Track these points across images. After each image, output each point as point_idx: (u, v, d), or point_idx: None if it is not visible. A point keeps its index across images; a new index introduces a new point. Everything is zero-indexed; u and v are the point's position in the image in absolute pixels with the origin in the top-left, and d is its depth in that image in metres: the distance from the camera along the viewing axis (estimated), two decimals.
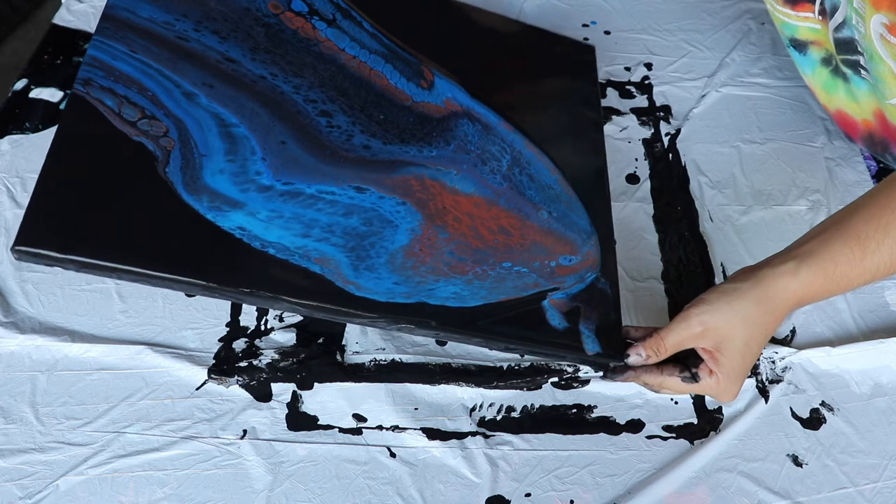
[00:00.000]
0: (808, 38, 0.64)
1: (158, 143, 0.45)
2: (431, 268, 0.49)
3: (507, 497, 0.50)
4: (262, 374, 0.54)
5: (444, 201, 0.52)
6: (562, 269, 0.53)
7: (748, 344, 0.48)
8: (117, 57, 0.47)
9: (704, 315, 0.48)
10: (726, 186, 0.69)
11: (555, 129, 0.62)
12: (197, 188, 0.45)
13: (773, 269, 0.48)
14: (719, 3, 0.87)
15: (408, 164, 0.53)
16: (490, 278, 0.50)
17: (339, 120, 0.52)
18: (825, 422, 0.55)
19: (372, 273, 0.47)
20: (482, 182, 0.55)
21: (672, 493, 0.50)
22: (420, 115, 0.56)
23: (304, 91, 0.52)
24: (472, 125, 0.57)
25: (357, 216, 0.49)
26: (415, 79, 0.58)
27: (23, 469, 0.49)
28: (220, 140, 0.47)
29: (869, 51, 0.55)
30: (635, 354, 0.50)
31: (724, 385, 0.49)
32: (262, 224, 0.46)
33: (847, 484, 0.51)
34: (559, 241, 0.54)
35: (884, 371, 0.57)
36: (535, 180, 0.56)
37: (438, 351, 0.57)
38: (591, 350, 0.50)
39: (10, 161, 0.67)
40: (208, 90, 0.48)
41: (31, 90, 0.73)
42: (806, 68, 0.67)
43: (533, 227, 0.54)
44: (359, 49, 0.56)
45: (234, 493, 0.49)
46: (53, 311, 0.57)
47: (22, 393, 0.53)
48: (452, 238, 0.51)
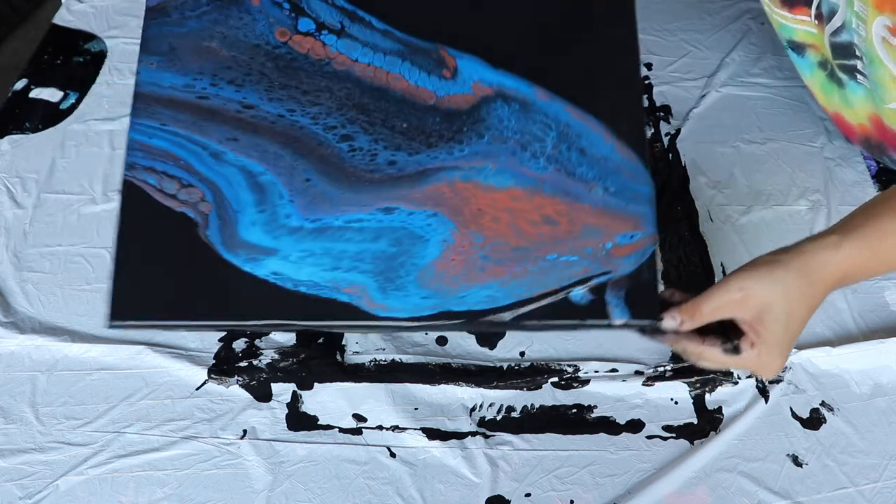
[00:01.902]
0: (805, 40, 0.64)
1: (197, 209, 0.49)
2: (465, 275, 0.49)
3: (507, 497, 0.50)
4: (262, 374, 0.54)
5: (480, 203, 0.51)
6: (619, 250, 0.50)
7: (790, 315, 0.46)
8: (152, 135, 0.52)
9: (745, 281, 0.46)
10: (726, 186, 0.69)
11: (597, 86, 0.57)
12: (234, 244, 0.49)
13: (816, 243, 0.46)
14: (719, 3, 0.87)
15: (437, 170, 0.52)
16: (530, 275, 0.49)
17: (361, 141, 0.53)
18: (825, 422, 0.55)
19: (400, 292, 0.48)
20: (522, 171, 0.52)
21: (672, 493, 0.50)
22: (446, 112, 0.55)
23: (322, 119, 0.53)
24: (506, 107, 0.55)
25: (385, 238, 0.50)
26: (436, 71, 0.56)
27: (23, 469, 0.49)
28: (249, 192, 0.50)
29: (869, 55, 0.55)
30: (669, 318, 0.47)
31: (766, 358, 0.46)
32: (294, 266, 0.48)
33: (847, 484, 0.51)
34: (616, 219, 0.51)
35: (884, 371, 0.57)
36: (587, 154, 0.53)
37: (438, 351, 0.57)
38: (618, 318, 0.48)
39: (10, 161, 0.67)
40: (233, 144, 0.52)
41: (31, 90, 0.74)
42: (805, 70, 0.67)
43: (584, 209, 0.51)
44: (372, 54, 0.56)
45: (234, 493, 0.49)
46: (53, 311, 0.57)
47: (22, 393, 0.53)
48: (488, 241, 0.50)
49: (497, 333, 0.58)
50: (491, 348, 0.57)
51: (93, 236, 0.63)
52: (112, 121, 0.71)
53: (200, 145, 0.52)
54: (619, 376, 0.56)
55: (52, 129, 0.70)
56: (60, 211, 0.64)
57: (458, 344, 0.57)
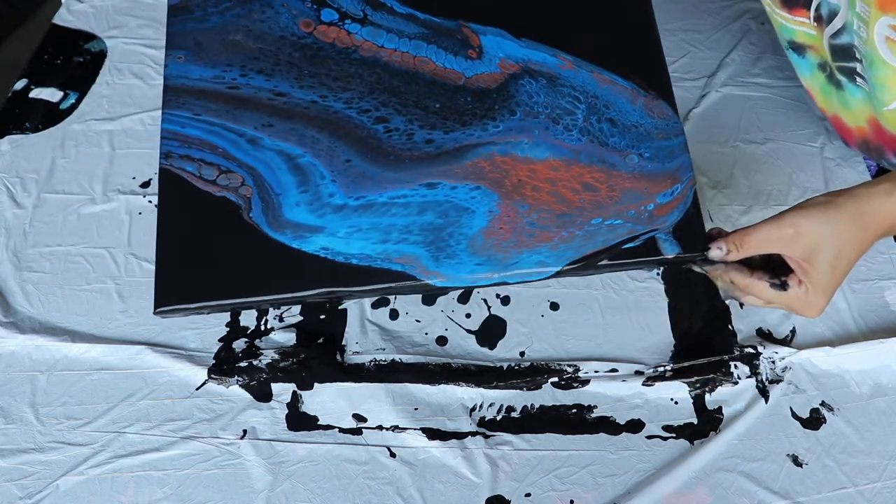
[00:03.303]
0: (805, 42, 0.64)
1: (238, 192, 0.50)
2: (514, 241, 0.49)
3: (507, 497, 0.50)
4: (262, 374, 0.54)
5: (520, 174, 0.52)
6: (661, 209, 0.50)
7: (839, 257, 0.46)
8: (185, 124, 0.52)
9: (798, 219, 0.46)
10: (726, 186, 0.69)
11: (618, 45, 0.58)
12: (280, 224, 0.49)
13: (868, 189, 0.47)
14: (719, 3, 0.87)
15: (474, 146, 0.53)
16: (578, 238, 0.50)
17: (396, 122, 0.53)
18: (825, 422, 0.55)
19: (453, 260, 0.49)
20: (557, 144, 0.53)
21: (672, 493, 0.50)
22: (477, 91, 0.55)
23: (355, 104, 0.54)
24: (534, 82, 0.55)
25: (432, 211, 0.50)
26: (462, 51, 0.57)
27: (23, 469, 0.49)
28: (290, 175, 0.51)
29: (870, 56, 0.55)
30: (716, 248, 0.47)
31: (812, 298, 0.47)
32: (343, 241, 0.49)
33: (847, 484, 0.51)
34: (654, 181, 0.52)
35: (884, 371, 0.57)
36: (617, 124, 0.54)
37: (438, 351, 0.57)
38: (670, 252, 0.49)
39: (10, 161, 0.67)
40: (269, 130, 0.52)
41: (31, 90, 0.74)
42: (805, 71, 0.67)
43: (622, 176, 0.52)
44: (398, 40, 0.57)
45: (234, 493, 0.49)
46: (53, 311, 0.57)
47: (22, 393, 0.53)
48: (534, 208, 0.51)
49: (497, 333, 0.58)
50: (491, 348, 0.57)
51: (93, 236, 0.63)
52: (112, 121, 0.71)
53: (236, 133, 0.52)
54: (619, 376, 0.56)
55: (52, 129, 0.70)
56: (60, 211, 0.64)
57: (458, 344, 0.57)
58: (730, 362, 0.56)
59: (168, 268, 0.48)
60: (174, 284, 0.48)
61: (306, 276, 0.48)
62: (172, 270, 0.48)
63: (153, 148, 0.70)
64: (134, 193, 0.66)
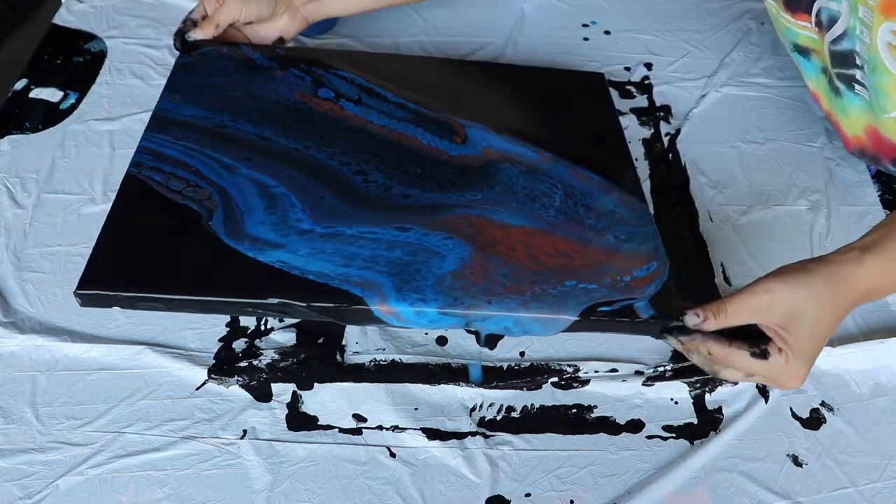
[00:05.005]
0: (809, 45, 0.64)
1: (202, 204, 0.49)
2: (484, 288, 0.47)
3: (507, 497, 0.50)
4: (262, 374, 0.54)
5: (494, 234, 0.51)
6: (638, 282, 0.50)
7: (817, 322, 0.45)
8: (164, 144, 0.52)
9: (772, 284, 0.45)
10: (726, 186, 0.69)
11: (592, 149, 0.61)
12: (239, 236, 0.47)
13: (839, 255, 0.47)
14: (719, 3, 0.87)
15: (451, 206, 0.52)
16: (551, 297, 0.48)
17: (376, 177, 0.53)
18: (825, 422, 0.55)
19: (417, 294, 0.46)
20: (534, 216, 0.53)
21: (672, 493, 0.50)
22: (459, 167, 0.56)
23: (337, 157, 0.54)
24: (514, 169, 0.56)
25: (401, 249, 0.48)
26: (447, 136, 0.58)
27: (23, 469, 0.49)
28: (259, 199, 0.50)
29: (872, 62, 0.55)
30: (692, 314, 0.47)
31: (793, 365, 0.46)
32: (302, 258, 0.47)
33: (847, 484, 0.51)
34: (630, 259, 0.52)
35: (884, 371, 0.57)
36: (593, 210, 0.54)
37: (438, 351, 0.57)
38: (644, 314, 0.48)
39: (10, 161, 0.67)
40: (247, 163, 0.52)
41: (31, 90, 0.74)
42: (810, 73, 0.67)
43: (597, 251, 0.52)
44: (387, 119, 0.59)
45: (234, 493, 0.49)
46: (53, 311, 0.57)
47: (22, 393, 0.53)
48: (507, 263, 0.49)
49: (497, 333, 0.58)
50: (491, 348, 0.57)
51: (93, 236, 0.62)
52: (112, 121, 0.71)
53: (213, 159, 0.52)
54: (619, 376, 0.56)
55: (52, 129, 0.70)
56: (60, 211, 0.64)
57: (458, 344, 0.57)
58: None
59: (105, 253, 0.46)
60: (105, 270, 0.45)
61: (251, 283, 0.45)
62: (108, 256, 0.46)
63: None
64: None
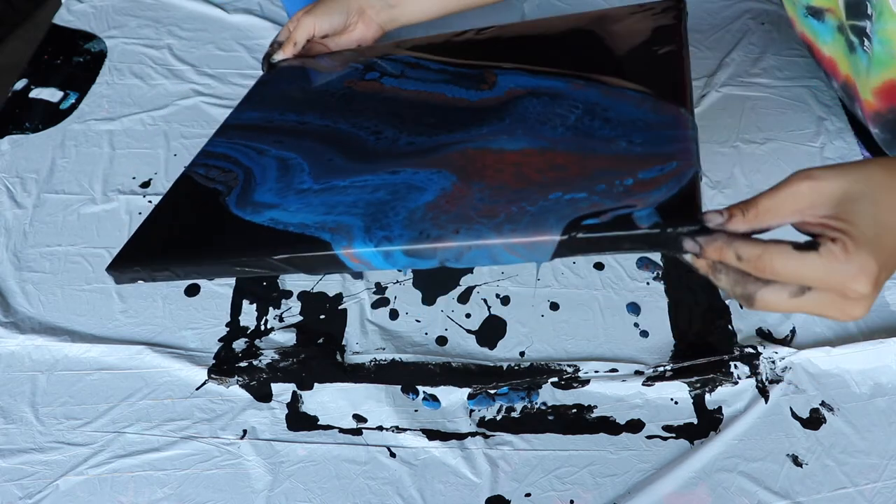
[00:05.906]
0: (822, 5, 0.62)
1: (227, 184, 0.52)
2: (454, 216, 0.43)
3: (507, 497, 0.50)
4: (262, 374, 0.54)
5: (486, 160, 0.48)
6: (644, 185, 0.41)
7: (879, 206, 0.33)
8: (217, 145, 0.57)
9: (813, 171, 0.35)
10: (726, 186, 0.69)
11: (642, 68, 0.53)
12: (245, 203, 0.50)
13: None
14: (719, 3, 0.87)
15: (452, 144, 0.51)
16: (528, 215, 0.41)
17: (388, 133, 0.54)
18: (825, 422, 0.55)
19: (384, 232, 0.44)
20: (537, 137, 0.49)
21: (672, 493, 0.50)
22: (476, 110, 0.54)
23: (360, 125, 0.56)
24: (536, 100, 0.52)
25: (384, 190, 0.48)
26: (475, 86, 0.57)
27: (23, 469, 0.49)
28: (275, 171, 0.53)
29: (879, 6, 0.53)
30: (715, 213, 0.37)
31: (858, 257, 0.32)
32: (291, 213, 0.49)
33: (847, 484, 0.51)
34: (638, 161, 0.44)
35: (884, 371, 0.57)
36: (611, 121, 0.48)
37: (438, 351, 0.57)
38: (645, 223, 0.38)
39: (10, 161, 0.67)
40: (278, 145, 0.56)
41: (31, 90, 0.74)
42: (826, 37, 0.64)
43: (599, 158, 0.45)
44: (422, 84, 0.59)
45: (234, 493, 0.49)
46: (53, 311, 0.57)
47: (22, 393, 0.53)
48: (488, 186, 0.45)
49: (497, 333, 0.58)
50: (491, 348, 0.57)
51: (93, 236, 0.63)
52: (112, 121, 0.71)
53: (250, 147, 0.56)
54: (619, 376, 0.56)
55: (52, 129, 0.70)
56: (60, 211, 0.64)
57: (458, 344, 0.57)
58: (730, 362, 0.56)
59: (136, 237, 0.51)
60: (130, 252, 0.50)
61: (238, 244, 0.48)
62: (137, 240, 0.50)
63: (153, 148, 0.70)
64: (134, 193, 0.66)
